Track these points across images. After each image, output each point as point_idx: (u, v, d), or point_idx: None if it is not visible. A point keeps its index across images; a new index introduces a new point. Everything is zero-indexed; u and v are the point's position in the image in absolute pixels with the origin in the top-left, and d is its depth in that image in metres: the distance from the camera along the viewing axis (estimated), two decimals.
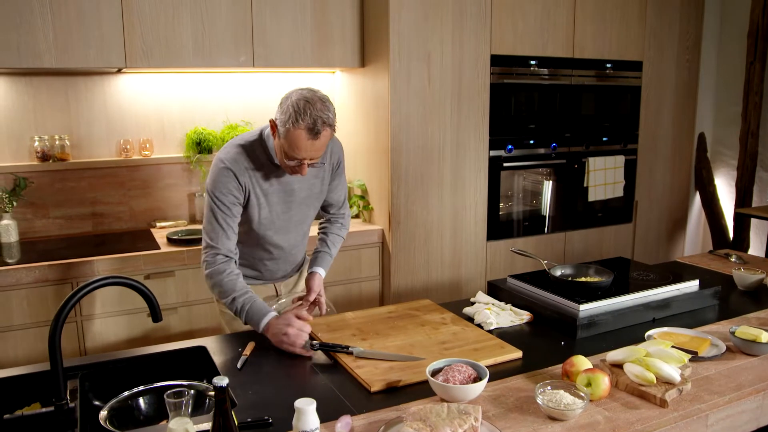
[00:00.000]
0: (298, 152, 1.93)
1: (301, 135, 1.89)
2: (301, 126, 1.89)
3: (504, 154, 3.60)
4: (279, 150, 1.99)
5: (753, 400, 1.60)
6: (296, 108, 1.90)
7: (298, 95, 1.93)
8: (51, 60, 2.81)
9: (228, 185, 2.02)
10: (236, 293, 2.00)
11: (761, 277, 2.43)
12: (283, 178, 2.12)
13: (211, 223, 2.04)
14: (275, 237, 2.19)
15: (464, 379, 1.56)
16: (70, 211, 3.31)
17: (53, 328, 1.40)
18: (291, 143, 1.91)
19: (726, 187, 4.67)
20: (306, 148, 1.92)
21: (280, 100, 1.97)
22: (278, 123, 1.94)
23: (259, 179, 2.07)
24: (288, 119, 1.90)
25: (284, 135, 1.92)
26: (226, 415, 1.20)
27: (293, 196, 2.16)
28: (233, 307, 2.01)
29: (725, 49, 4.58)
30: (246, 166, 2.04)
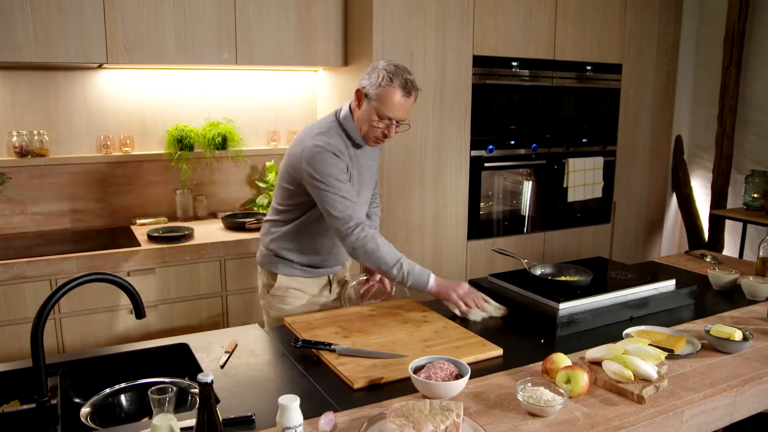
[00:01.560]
0: (391, 110, 2.08)
1: (396, 92, 2.07)
2: (396, 84, 2.06)
3: (485, 155, 3.63)
4: (367, 117, 2.12)
5: (726, 397, 1.64)
6: (389, 70, 2.08)
7: (386, 63, 2.12)
8: (31, 54, 2.78)
9: (338, 165, 2.12)
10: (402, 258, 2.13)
11: (735, 277, 2.48)
12: (358, 159, 2.24)
13: (338, 202, 2.10)
14: (364, 202, 2.30)
15: (446, 376, 1.57)
16: (48, 208, 3.27)
17: (35, 324, 1.39)
18: (385, 101, 2.07)
19: (702, 189, 4.75)
20: (399, 106, 2.09)
21: (368, 71, 2.13)
22: (369, 86, 2.10)
23: (348, 160, 2.19)
24: (382, 80, 2.06)
25: (377, 96, 2.08)
26: (211, 411, 1.20)
27: (363, 176, 2.28)
28: (402, 270, 2.11)
29: (702, 54, 4.66)
30: (338, 147, 2.15)
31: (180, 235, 3.07)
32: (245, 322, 3.11)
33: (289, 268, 2.35)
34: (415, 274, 2.12)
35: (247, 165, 3.72)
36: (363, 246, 2.10)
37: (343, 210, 2.11)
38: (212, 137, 3.46)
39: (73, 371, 1.77)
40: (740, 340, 1.87)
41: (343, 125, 2.20)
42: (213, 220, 3.56)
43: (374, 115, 2.11)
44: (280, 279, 2.35)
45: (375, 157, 2.38)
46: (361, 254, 2.12)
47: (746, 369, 1.77)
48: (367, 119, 2.13)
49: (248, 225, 3.27)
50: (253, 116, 3.71)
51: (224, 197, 3.70)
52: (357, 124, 2.18)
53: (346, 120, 2.20)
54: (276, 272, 2.35)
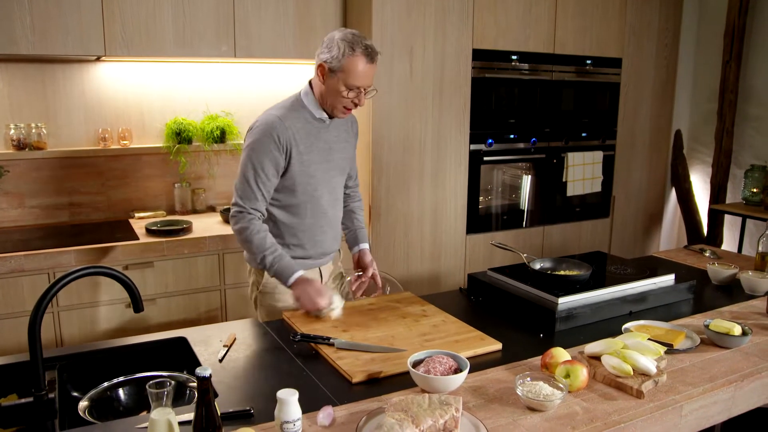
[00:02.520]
0: (357, 79, 2.06)
1: (360, 60, 2.04)
2: (358, 52, 2.04)
3: (484, 148, 3.62)
4: (334, 89, 2.09)
5: (725, 392, 1.64)
6: (347, 39, 2.05)
7: (341, 33, 2.08)
8: (28, 46, 2.77)
9: (272, 148, 2.09)
10: (267, 250, 2.09)
11: (734, 271, 2.48)
12: (323, 135, 2.21)
13: (243, 184, 2.11)
14: (323, 198, 2.25)
15: (445, 370, 1.57)
16: (46, 201, 3.26)
17: (33, 318, 1.38)
18: (350, 71, 2.04)
19: (701, 184, 4.75)
20: (365, 74, 2.07)
21: (323, 43, 2.10)
22: (331, 59, 2.06)
23: (302, 137, 2.15)
24: (343, 51, 2.03)
25: (341, 67, 2.04)
26: (209, 405, 1.20)
27: (332, 154, 2.25)
28: (264, 262, 2.10)
29: (702, 48, 4.64)
30: (287, 125, 2.11)
31: (178, 229, 3.06)
32: (243, 315, 3.10)
33: None
34: (281, 265, 2.09)
35: None
36: (242, 231, 2.11)
37: (243, 193, 2.11)
38: (211, 130, 3.45)
39: (71, 365, 1.77)
40: (739, 335, 1.87)
41: (303, 101, 2.18)
42: (211, 213, 3.56)
43: (341, 87, 2.08)
44: (267, 276, 2.28)
45: (347, 139, 2.33)
46: (238, 238, 2.14)
47: (745, 364, 1.77)
48: (334, 92, 2.10)
49: None
50: (251, 109, 3.69)
51: (223, 191, 3.68)
52: (322, 99, 2.15)
53: (307, 96, 2.18)
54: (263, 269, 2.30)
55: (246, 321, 2.10)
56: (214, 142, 3.47)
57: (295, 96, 2.22)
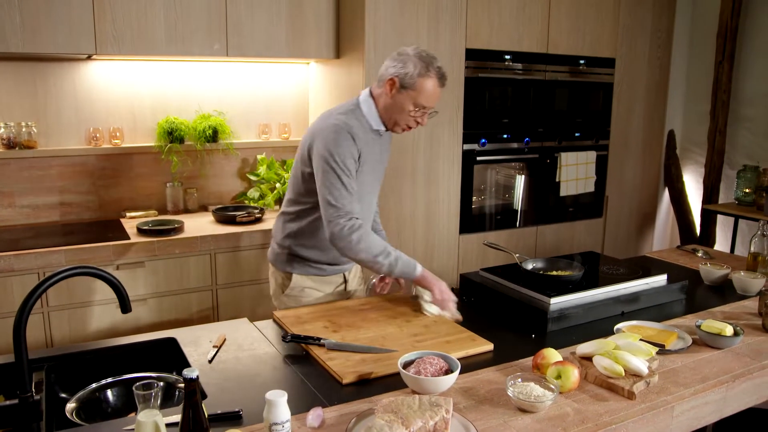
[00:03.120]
0: (428, 99, 2.08)
1: (434, 83, 2.06)
2: (432, 74, 2.05)
3: (477, 148, 3.62)
4: (401, 106, 2.09)
5: (717, 392, 1.64)
6: (423, 58, 2.06)
7: (415, 50, 2.08)
8: (18, 44, 2.75)
9: (350, 149, 2.07)
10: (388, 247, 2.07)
11: (726, 272, 2.48)
12: (376, 147, 2.20)
13: (338, 190, 2.04)
14: (365, 205, 2.23)
15: (436, 371, 1.56)
16: (37, 200, 3.24)
17: (18, 319, 1.37)
18: (423, 91, 2.06)
19: (694, 184, 4.75)
20: (435, 95, 2.09)
21: (394, 57, 2.09)
22: (403, 75, 2.05)
23: (362, 144, 2.13)
24: (419, 69, 2.04)
25: (413, 85, 2.05)
26: (196, 407, 1.18)
27: (376, 169, 2.24)
28: (389, 258, 2.05)
29: (695, 49, 4.65)
30: (356, 131, 2.10)
31: (170, 228, 3.04)
32: (235, 315, 3.09)
33: (305, 267, 2.28)
34: (403, 260, 2.07)
35: (238, 158, 3.69)
36: (348, 235, 2.01)
37: (339, 198, 2.03)
38: (203, 130, 3.43)
39: (59, 366, 1.75)
40: (731, 336, 1.86)
41: (363, 109, 2.16)
42: (203, 213, 3.54)
43: (410, 105, 2.08)
44: (295, 279, 2.28)
45: (387, 150, 2.32)
46: (344, 243, 2.03)
47: (737, 364, 1.76)
48: (400, 108, 2.10)
49: (239, 218, 3.25)
50: (244, 109, 3.68)
51: (215, 190, 3.67)
52: (385, 112, 2.14)
53: (366, 104, 2.16)
54: (291, 272, 2.28)
55: (237, 321, 2.08)
56: (207, 142, 3.46)
57: (353, 103, 2.18)
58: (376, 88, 2.16)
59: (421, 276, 2.10)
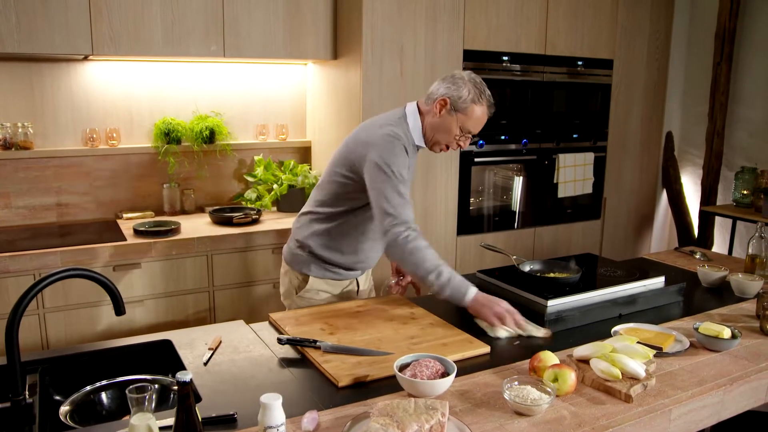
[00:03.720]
0: (475, 126, 2.12)
1: (484, 111, 2.11)
2: (484, 102, 2.10)
3: (475, 150, 3.61)
4: (447, 127, 2.11)
5: (714, 395, 1.63)
6: (477, 85, 2.09)
7: (469, 75, 2.11)
8: (14, 45, 2.74)
9: (404, 159, 2.08)
10: (442, 265, 2.02)
11: (724, 274, 2.47)
12: (412, 161, 2.19)
13: (395, 197, 2.04)
14: None
15: (432, 374, 1.55)
16: (33, 201, 3.23)
17: (10, 321, 1.36)
18: (473, 118, 2.09)
19: (692, 186, 4.75)
20: (482, 123, 2.14)
21: (446, 80, 2.11)
22: (457, 99, 2.07)
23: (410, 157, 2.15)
24: (473, 96, 2.07)
25: (465, 110, 2.08)
26: (190, 410, 1.17)
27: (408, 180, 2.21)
28: (440, 279, 1.99)
29: (693, 50, 4.65)
30: (405, 143, 2.11)
31: (167, 230, 3.03)
32: (232, 317, 3.08)
33: (322, 270, 2.27)
34: (454, 283, 2.00)
35: (235, 159, 3.68)
36: (404, 245, 1.99)
37: (398, 206, 2.02)
38: (200, 131, 3.42)
39: (53, 368, 1.74)
40: (729, 338, 1.86)
41: (408, 123, 2.16)
42: (200, 214, 3.53)
43: (457, 128, 2.10)
44: (312, 281, 2.27)
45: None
46: (398, 253, 2.02)
47: (734, 367, 1.76)
48: (446, 129, 2.11)
49: (236, 219, 3.24)
50: (241, 110, 3.68)
51: (212, 191, 3.66)
52: (430, 130, 2.14)
53: (413, 118, 2.16)
54: (308, 273, 2.27)
55: (233, 323, 2.07)
56: (204, 143, 3.45)
57: (400, 114, 2.18)
58: (424, 104, 2.16)
59: (472, 306, 1.99)
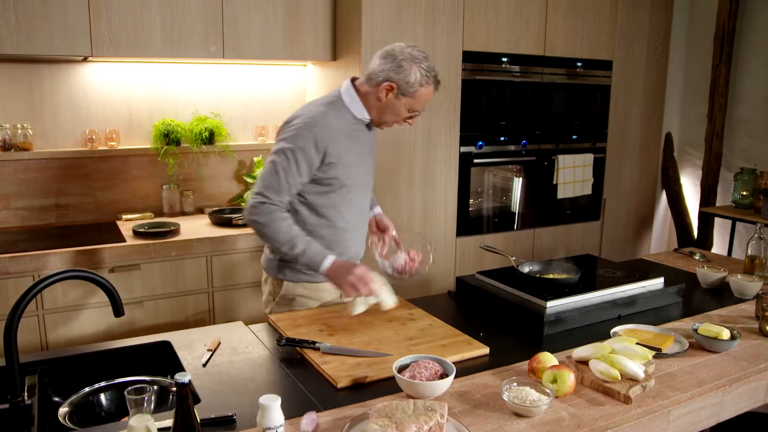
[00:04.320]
0: (423, 105, 2.11)
1: (431, 90, 2.08)
2: (431, 83, 2.07)
3: (475, 151, 3.61)
4: (395, 110, 2.09)
5: (713, 396, 1.63)
6: (423, 68, 2.04)
7: (411, 52, 2.04)
8: (13, 46, 2.74)
9: (307, 142, 2.02)
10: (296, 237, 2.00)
11: (724, 275, 2.47)
12: (362, 138, 2.18)
13: (273, 176, 2.03)
14: (354, 202, 2.20)
15: (431, 375, 1.55)
16: (32, 202, 3.23)
17: (9, 322, 1.36)
18: (422, 100, 2.08)
19: (691, 187, 4.75)
20: (430, 100, 2.11)
21: (386, 58, 2.05)
22: (404, 84, 2.03)
23: (343, 137, 2.10)
24: (420, 81, 2.03)
25: (413, 94, 2.05)
26: (188, 411, 1.17)
27: (366, 158, 2.22)
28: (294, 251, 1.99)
29: (692, 51, 4.65)
30: (329, 123, 2.07)
31: (166, 231, 3.03)
32: (231, 318, 3.08)
33: (297, 273, 2.21)
34: (309, 254, 1.99)
35: (234, 160, 3.68)
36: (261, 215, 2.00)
37: (269, 183, 2.02)
38: (199, 132, 3.42)
39: (52, 369, 1.74)
40: (728, 339, 1.86)
41: (344, 100, 2.13)
42: (200, 215, 3.53)
43: (405, 110, 2.10)
44: (286, 286, 2.22)
45: (374, 144, 2.31)
46: (255, 227, 2.03)
47: (733, 368, 1.76)
48: (394, 112, 2.11)
49: (235, 221, 3.24)
50: (240, 111, 3.68)
51: (211, 192, 3.66)
52: (376, 112, 2.13)
53: (348, 95, 2.13)
54: (282, 278, 2.22)
55: (232, 324, 2.07)
56: (203, 144, 3.45)
57: (335, 94, 2.16)
58: (364, 84, 2.12)
59: (328, 271, 1.99)
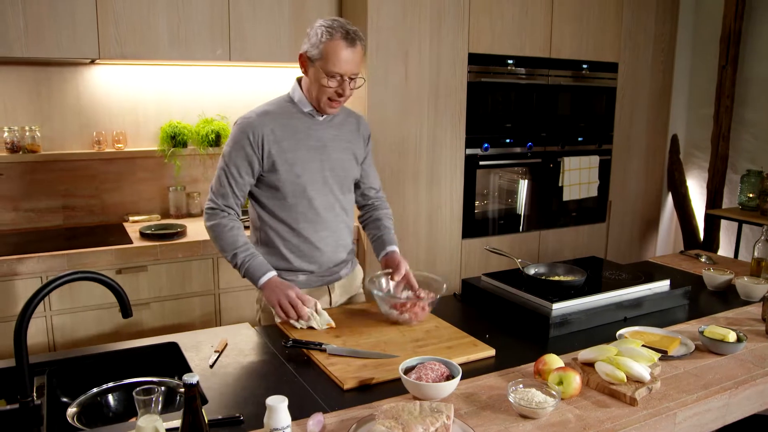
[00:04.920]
0: (338, 64, 1.95)
1: (339, 44, 1.94)
2: (336, 36, 1.94)
3: (480, 153, 3.61)
4: (315, 79, 2.00)
5: (720, 399, 1.63)
6: (326, 25, 1.97)
7: (321, 20, 2.00)
8: (21, 49, 2.76)
9: (241, 143, 2.04)
10: (239, 248, 2.05)
11: (730, 277, 2.47)
12: (314, 133, 2.12)
13: (217, 181, 2.10)
14: (316, 200, 2.12)
15: (437, 377, 1.56)
16: (40, 204, 3.25)
17: (19, 323, 1.37)
18: (329, 56, 1.95)
19: (697, 189, 4.74)
20: (345, 59, 1.96)
21: (307, 35, 2.03)
22: (310, 48, 1.99)
23: (287, 134, 2.07)
24: (321, 36, 1.96)
25: (320, 54, 1.96)
26: (196, 412, 1.18)
27: (326, 153, 2.13)
28: (235, 260, 2.06)
29: (698, 53, 4.65)
30: (266, 121, 2.06)
31: (173, 233, 3.04)
32: (238, 320, 3.08)
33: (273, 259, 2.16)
34: (252, 264, 2.04)
35: None
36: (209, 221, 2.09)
37: (216, 190, 2.09)
38: (206, 134, 3.44)
39: (61, 370, 1.75)
40: (734, 342, 1.85)
41: (293, 97, 2.12)
42: None
43: (322, 75, 1.97)
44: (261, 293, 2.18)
45: (350, 139, 2.20)
46: (211, 237, 2.11)
47: (740, 371, 1.75)
48: (316, 82, 2.00)
49: None
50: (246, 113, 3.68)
51: None
52: (308, 93, 2.07)
53: (295, 91, 2.12)
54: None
55: (238, 326, 2.08)
56: (209, 146, 3.46)
57: (287, 95, 2.15)
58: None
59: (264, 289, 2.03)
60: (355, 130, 2.24)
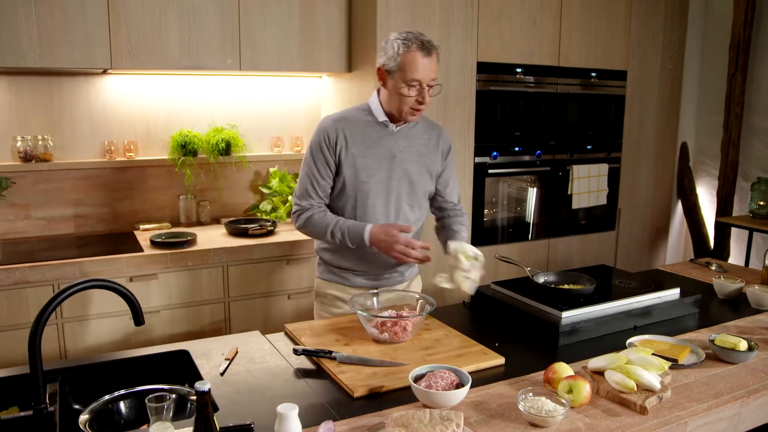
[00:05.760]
0: (416, 72, 2.04)
1: (416, 55, 2.03)
2: (413, 47, 2.03)
3: (489, 161, 3.62)
4: (395, 90, 2.09)
5: (731, 408, 1.62)
6: (401, 38, 2.06)
7: (395, 34, 2.10)
8: (35, 59, 2.79)
9: (319, 144, 2.15)
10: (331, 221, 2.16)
11: (741, 285, 2.45)
12: (385, 142, 2.19)
13: (299, 184, 2.22)
14: (377, 208, 2.21)
15: (447, 385, 1.56)
16: (52, 212, 3.28)
17: (33, 331, 1.38)
18: (408, 66, 2.04)
19: (707, 196, 4.72)
20: (423, 67, 2.04)
21: (382, 48, 2.12)
22: (387, 60, 2.08)
23: (358, 140, 2.16)
24: (397, 49, 2.05)
25: (398, 65, 2.05)
26: (208, 420, 1.19)
27: (394, 163, 2.20)
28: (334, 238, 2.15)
29: (707, 61, 4.64)
30: (340, 126, 2.16)
31: (183, 241, 3.06)
32: (247, 328, 3.09)
33: (327, 273, 2.30)
34: (349, 226, 2.14)
35: (250, 171, 3.72)
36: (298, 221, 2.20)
37: (298, 186, 2.21)
38: (216, 143, 3.46)
39: (73, 377, 1.77)
40: (745, 351, 1.85)
41: (371, 105, 2.21)
42: (216, 225, 3.56)
43: (402, 85, 2.06)
44: (317, 282, 2.34)
45: (424, 153, 2.25)
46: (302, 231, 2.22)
47: (751, 380, 1.75)
48: (396, 92, 2.09)
49: (251, 231, 3.26)
50: (257, 122, 3.71)
51: (228, 203, 3.69)
52: (387, 104, 2.15)
53: (373, 101, 2.21)
54: (318, 276, 2.35)
55: (248, 334, 2.09)
56: (220, 155, 3.48)
57: (366, 105, 2.24)
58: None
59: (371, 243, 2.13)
60: (432, 144, 2.29)
